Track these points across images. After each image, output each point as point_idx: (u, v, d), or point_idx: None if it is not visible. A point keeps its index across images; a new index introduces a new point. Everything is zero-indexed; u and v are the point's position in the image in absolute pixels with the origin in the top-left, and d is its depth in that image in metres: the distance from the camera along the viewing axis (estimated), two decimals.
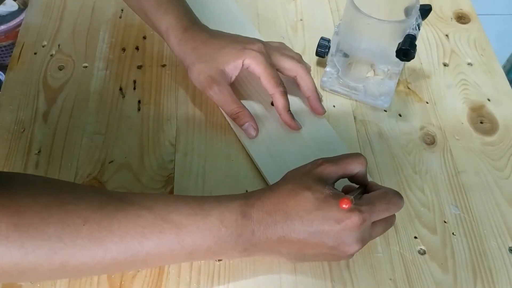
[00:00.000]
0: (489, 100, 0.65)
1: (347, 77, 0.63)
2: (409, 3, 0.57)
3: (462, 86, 0.66)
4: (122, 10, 0.73)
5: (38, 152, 0.58)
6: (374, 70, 0.62)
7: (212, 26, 0.63)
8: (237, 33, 0.61)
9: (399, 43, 0.55)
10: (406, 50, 0.54)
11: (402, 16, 0.58)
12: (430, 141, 0.61)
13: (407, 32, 0.55)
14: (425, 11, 0.59)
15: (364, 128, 0.62)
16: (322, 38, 0.64)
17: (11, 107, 0.62)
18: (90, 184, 0.56)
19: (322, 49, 0.64)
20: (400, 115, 0.63)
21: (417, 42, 0.56)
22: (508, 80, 0.67)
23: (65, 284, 0.49)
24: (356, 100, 0.64)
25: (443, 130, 0.62)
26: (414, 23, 0.56)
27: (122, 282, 0.49)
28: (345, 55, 0.62)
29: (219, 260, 0.51)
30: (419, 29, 0.57)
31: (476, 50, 0.71)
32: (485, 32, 0.73)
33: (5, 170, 0.57)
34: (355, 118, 0.63)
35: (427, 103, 0.65)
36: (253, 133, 0.58)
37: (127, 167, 0.57)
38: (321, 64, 0.68)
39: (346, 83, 0.63)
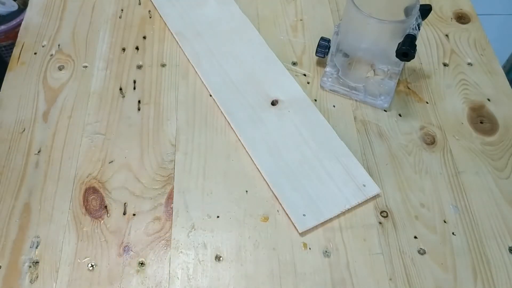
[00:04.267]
0: (489, 100, 0.65)
1: (347, 77, 0.63)
2: (409, 3, 0.57)
3: (462, 86, 0.66)
4: (122, 10, 0.73)
5: (38, 152, 0.58)
6: (374, 70, 0.62)
7: (213, 26, 0.64)
8: (237, 33, 0.61)
9: (399, 43, 0.55)
10: (406, 50, 0.54)
11: (402, 16, 0.58)
12: (430, 141, 0.61)
13: (407, 32, 0.55)
14: (425, 11, 0.59)
15: (364, 128, 0.62)
16: (322, 38, 0.64)
17: (11, 107, 0.62)
18: (90, 184, 0.56)
19: (322, 49, 0.64)
20: (400, 115, 0.63)
21: (417, 42, 0.56)
22: (508, 80, 0.67)
23: (65, 283, 0.49)
24: (356, 100, 0.64)
25: (443, 130, 0.62)
26: (414, 23, 0.56)
27: (122, 282, 0.49)
28: (345, 55, 0.62)
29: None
30: (419, 29, 0.57)
31: (476, 50, 0.71)
32: (485, 32, 0.73)
33: (5, 170, 0.57)
34: (355, 118, 0.63)
35: (427, 103, 0.65)
36: None
37: (127, 167, 0.57)
38: (321, 64, 0.68)
39: (346, 83, 0.63)
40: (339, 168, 0.57)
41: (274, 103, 0.63)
